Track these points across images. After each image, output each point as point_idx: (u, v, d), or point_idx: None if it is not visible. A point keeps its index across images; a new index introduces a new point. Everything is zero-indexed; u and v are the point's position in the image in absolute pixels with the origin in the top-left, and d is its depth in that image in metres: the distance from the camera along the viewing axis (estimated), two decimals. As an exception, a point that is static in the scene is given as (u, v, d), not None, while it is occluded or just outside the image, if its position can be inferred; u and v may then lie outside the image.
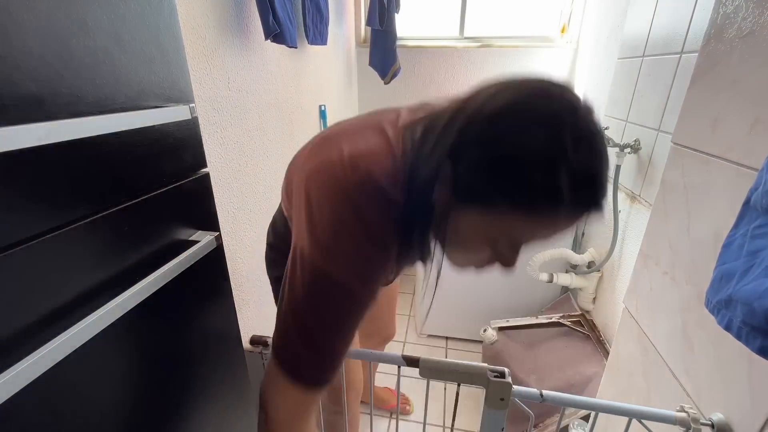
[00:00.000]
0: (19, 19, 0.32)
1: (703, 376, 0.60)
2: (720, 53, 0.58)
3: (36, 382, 0.33)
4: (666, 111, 1.07)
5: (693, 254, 0.63)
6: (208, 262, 0.57)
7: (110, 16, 0.40)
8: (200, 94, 0.83)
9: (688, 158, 0.65)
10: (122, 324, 0.42)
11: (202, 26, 0.82)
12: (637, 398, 0.78)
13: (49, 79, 0.34)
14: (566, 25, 1.90)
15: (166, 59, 0.48)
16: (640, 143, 1.20)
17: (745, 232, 0.39)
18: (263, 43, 1.08)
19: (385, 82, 1.90)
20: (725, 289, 0.38)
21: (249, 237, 1.09)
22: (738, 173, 0.54)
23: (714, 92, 0.60)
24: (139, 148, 0.45)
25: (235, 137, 0.98)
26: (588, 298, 1.53)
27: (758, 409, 0.49)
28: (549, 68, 1.93)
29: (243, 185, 1.04)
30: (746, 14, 0.53)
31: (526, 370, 1.39)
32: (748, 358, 0.51)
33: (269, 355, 0.58)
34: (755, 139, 0.51)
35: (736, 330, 0.37)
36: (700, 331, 0.60)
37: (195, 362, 0.59)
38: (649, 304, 0.75)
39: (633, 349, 0.80)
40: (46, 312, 0.36)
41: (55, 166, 0.35)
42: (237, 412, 0.72)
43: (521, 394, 0.61)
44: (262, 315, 1.21)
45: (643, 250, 0.78)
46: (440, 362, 0.62)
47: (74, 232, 0.38)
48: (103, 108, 0.40)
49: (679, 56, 1.02)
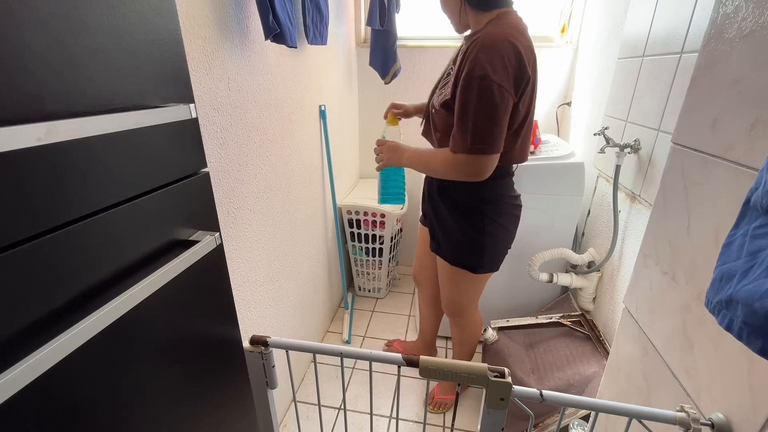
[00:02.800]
0: (19, 18, 0.32)
1: (703, 376, 0.60)
2: (720, 53, 0.58)
3: (36, 383, 0.33)
4: (666, 111, 1.07)
5: (693, 254, 0.63)
6: (208, 262, 0.57)
7: (110, 16, 0.40)
8: (200, 94, 0.83)
9: (688, 158, 0.65)
10: (122, 324, 0.42)
11: (202, 26, 0.82)
12: (637, 398, 0.78)
13: (49, 78, 0.34)
14: (566, 25, 1.90)
15: (166, 59, 0.48)
16: (640, 143, 1.20)
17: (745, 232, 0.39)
18: (263, 43, 1.08)
19: (386, 82, 1.90)
20: (726, 289, 0.38)
21: (249, 237, 1.09)
22: (738, 173, 0.54)
23: (714, 92, 0.60)
24: (139, 148, 0.45)
25: (235, 137, 0.98)
26: (588, 298, 1.54)
27: (758, 409, 0.49)
28: (549, 68, 1.93)
29: (243, 185, 1.04)
30: (746, 14, 0.53)
31: (526, 370, 1.39)
32: (748, 357, 0.51)
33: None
34: (755, 138, 0.51)
35: (736, 330, 0.37)
36: (700, 331, 0.60)
37: (195, 362, 0.59)
38: (649, 304, 0.75)
39: (633, 349, 0.80)
40: (47, 312, 0.36)
41: (55, 165, 0.35)
42: (237, 412, 0.72)
43: (521, 394, 0.61)
44: (262, 315, 1.21)
45: (643, 249, 0.78)
46: (440, 362, 0.62)
47: (74, 233, 0.38)
48: (103, 108, 0.40)
49: (679, 56, 1.02)
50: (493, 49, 0.86)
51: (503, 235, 1.14)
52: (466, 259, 1.16)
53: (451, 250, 1.18)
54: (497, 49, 0.86)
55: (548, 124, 2.04)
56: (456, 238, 1.14)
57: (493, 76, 0.85)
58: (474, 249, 1.13)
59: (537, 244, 1.57)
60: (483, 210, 1.08)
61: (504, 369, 0.61)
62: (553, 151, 1.55)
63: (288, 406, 1.50)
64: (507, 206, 1.11)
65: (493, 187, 1.07)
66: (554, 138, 1.76)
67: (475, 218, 1.09)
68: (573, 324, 1.50)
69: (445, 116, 1.02)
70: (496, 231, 1.12)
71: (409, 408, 1.52)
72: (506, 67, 0.86)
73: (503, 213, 1.11)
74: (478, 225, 1.09)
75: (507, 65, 0.86)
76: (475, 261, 1.15)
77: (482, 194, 1.07)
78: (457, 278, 1.23)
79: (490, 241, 1.12)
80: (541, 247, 1.55)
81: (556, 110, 2.01)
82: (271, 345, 0.70)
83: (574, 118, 1.86)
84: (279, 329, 1.36)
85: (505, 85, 0.86)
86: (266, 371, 0.73)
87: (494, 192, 1.08)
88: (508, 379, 0.60)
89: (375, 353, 0.66)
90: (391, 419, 1.46)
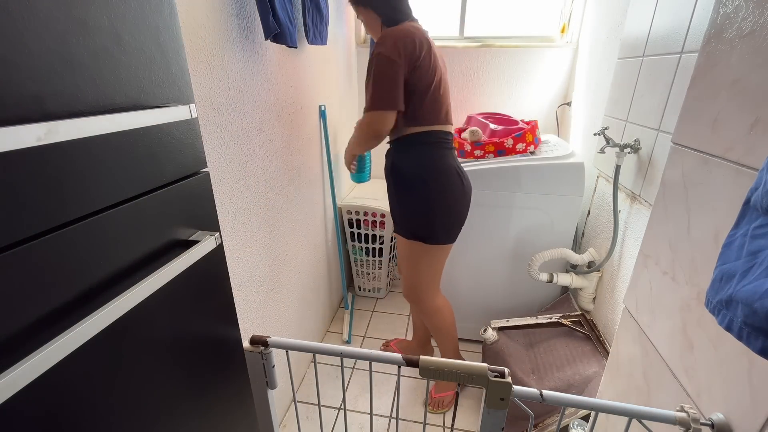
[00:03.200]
0: (19, 18, 0.32)
1: (703, 376, 0.60)
2: (720, 53, 0.58)
3: (35, 383, 0.33)
4: (666, 111, 1.07)
5: (693, 254, 0.63)
6: (208, 262, 0.57)
7: (110, 16, 0.40)
8: (200, 94, 0.83)
9: (688, 158, 0.65)
10: (122, 324, 0.42)
11: (202, 26, 0.82)
12: (637, 398, 0.78)
13: (49, 78, 0.34)
14: (566, 25, 1.90)
15: (166, 59, 0.48)
16: (640, 143, 1.20)
17: (745, 232, 0.39)
18: (263, 43, 1.08)
19: (385, 82, 1.90)
20: (726, 289, 0.38)
21: (249, 237, 1.09)
22: (738, 173, 0.54)
23: (714, 92, 0.60)
24: (139, 148, 0.45)
25: (235, 137, 0.98)
26: (588, 298, 1.54)
27: (758, 409, 0.49)
28: (549, 68, 1.93)
29: (243, 185, 1.04)
30: (746, 14, 0.53)
31: (526, 370, 1.39)
32: (748, 357, 0.51)
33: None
34: (755, 138, 0.51)
35: (736, 330, 0.37)
36: (700, 331, 0.60)
37: (195, 362, 0.59)
38: (649, 304, 0.75)
39: (633, 349, 0.80)
40: (47, 312, 0.36)
41: (55, 165, 0.35)
42: (237, 412, 0.72)
43: (521, 394, 0.61)
44: (262, 315, 1.21)
45: (643, 249, 0.78)
46: (440, 362, 0.62)
47: (74, 232, 0.38)
48: (103, 108, 0.40)
49: (679, 56, 1.02)
50: (389, 34, 1.11)
51: (451, 204, 1.25)
52: (419, 230, 1.26)
53: (405, 225, 1.30)
54: (392, 35, 1.11)
55: (548, 124, 2.04)
56: (408, 211, 1.27)
57: (384, 51, 1.09)
58: (425, 219, 1.24)
59: (537, 244, 1.57)
60: (425, 178, 1.21)
61: (504, 369, 0.61)
62: (553, 151, 1.55)
63: (288, 406, 1.50)
64: (449, 176, 1.23)
65: (430, 156, 1.22)
66: (554, 138, 1.76)
67: (420, 188, 1.22)
68: (573, 324, 1.50)
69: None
70: (443, 199, 1.23)
71: (409, 408, 1.52)
72: (395, 44, 1.09)
73: (446, 183, 1.23)
74: (424, 195, 1.22)
75: (396, 43, 1.09)
76: (427, 231, 1.25)
77: (423, 162, 1.22)
78: (414, 256, 1.32)
79: (439, 209, 1.23)
80: (541, 247, 1.55)
81: (556, 110, 2.01)
82: (271, 345, 0.70)
83: (574, 118, 1.86)
84: (279, 329, 1.36)
85: (393, 56, 1.08)
86: (266, 371, 0.73)
87: (432, 160, 1.22)
88: (508, 379, 0.60)
89: (375, 353, 0.66)
90: (391, 419, 1.46)
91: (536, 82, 1.98)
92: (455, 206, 1.26)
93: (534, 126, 1.56)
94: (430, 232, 1.26)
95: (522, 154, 1.54)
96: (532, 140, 1.54)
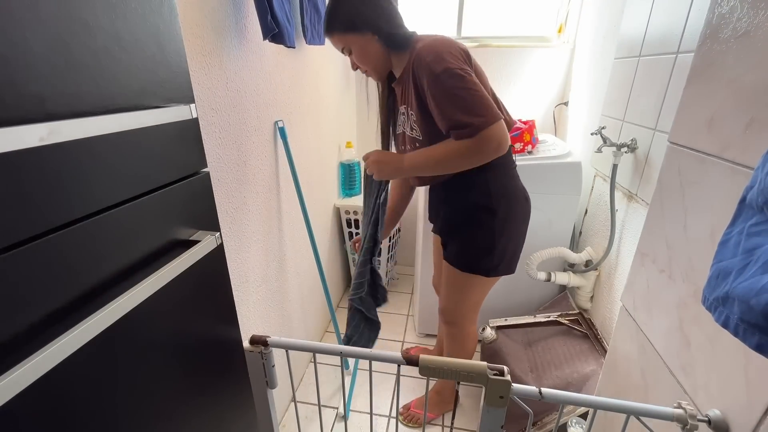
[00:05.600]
0: (20, 18, 0.32)
1: (699, 373, 0.60)
2: (716, 53, 0.59)
3: (37, 383, 0.33)
4: (662, 110, 1.08)
5: (689, 252, 0.63)
6: (208, 261, 0.57)
7: (111, 16, 0.40)
8: (199, 94, 0.83)
9: (685, 157, 0.65)
10: (123, 324, 0.43)
11: (200, 26, 0.82)
12: (634, 395, 0.78)
13: (50, 78, 0.34)
14: (563, 25, 1.91)
15: (167, 59, 0.48)
16: (637, 142, 1.21)
17: (741, 229, 0.39)
18: (261, 43, 1.08)
19: (383, 82, 1.90)
20: (722, 286, 0.39)
21: (249, 237, 1.09)
22: (734, 172, 0.55)
23: (710, 92, 0.60)
24: (141, 148, 0.45)
25: (234, 137, 0.98)
26: (586, 297, 1.54)
27: (754, 404, 0.50)
28: (546, 68, 1.94)
29: (243, 185, 1.04)
30: (741, 14, 0.54)
31: (525, 369, 1.40)
32: (744, 354, 0.52)
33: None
34: (750, 137, 0.52)
35: (733, 327, 0.37)
36: (697, 328, 0.61)
37: (195, 362, 0.59)
38: (646, 302, 0.76)
39: (630, 347, 0.81)
40: (47, 312, 0.36)
41: (56, 166, 0.35)
42: (237, 412, 0.72)
43: (520, 392, 0.62)
44: (262, 315, 1.21)
45: (640, 248, 0.78)
46: (440, 360, 0.62)
47: (76, 233, 0.38)
48: (104, 108, 0.40)
49: (676, 56, 1.03)
50: (434, 49, 0.92)
51: (521, 234, 1.11)
52: (479, 264, 1.10)
53: (462, 258, 1.13)
54: (438, 48, 0.92)
55: (545, 124, 2.05)
56: (467, 245, 1.10)
57: (451, 64, 0.90)
58: (488, 252, 1.08)
59: (535, 243, 1.58)
60: (493, 208, 1.04)
61: (503, 367, 0.61)
62: (550, 150, 1.56)
63: (288, 406, 1.50)
64: (518, 202, 1.08)
65: (497, 181, 1.04)
66: (551, 137, 1.77)
67: (486, 220, 1.05)
68: (571, 322, 1.51)
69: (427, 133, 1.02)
70: (512, 231, 1.08)
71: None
72: (453, 54, 0.92)
73: (516, 210, 1.07)
74: (489, 227, 1.05)
75: (453, 52, 0.92)
76: (489, 265, 1.10)
77: (488, 189, 1.04)
78: (466, 286, 1.17)
79: (507, 241, 1.08)
80: (539, 246, 1.56)
81: (554, 110, 2.02)
82: (270, 345, 0.70)
83: (571, 118, 1.87)
84: (279, 329, 1.36)
85: (465, 66, 0.91)
86: (266, 371, 0.73)
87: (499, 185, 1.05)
88: (508, 378, 0.60)
89: (375, 352, 0.67)
90: (391, 419, 1.46)
91: (533, 82, 1.98)
92: (523, 236, 1.13)
93: (531, 126, 1.57)
94: (493, 266, 1.09)
95: (519, 153, 1.54)
96: (529, 140, 1.55)
